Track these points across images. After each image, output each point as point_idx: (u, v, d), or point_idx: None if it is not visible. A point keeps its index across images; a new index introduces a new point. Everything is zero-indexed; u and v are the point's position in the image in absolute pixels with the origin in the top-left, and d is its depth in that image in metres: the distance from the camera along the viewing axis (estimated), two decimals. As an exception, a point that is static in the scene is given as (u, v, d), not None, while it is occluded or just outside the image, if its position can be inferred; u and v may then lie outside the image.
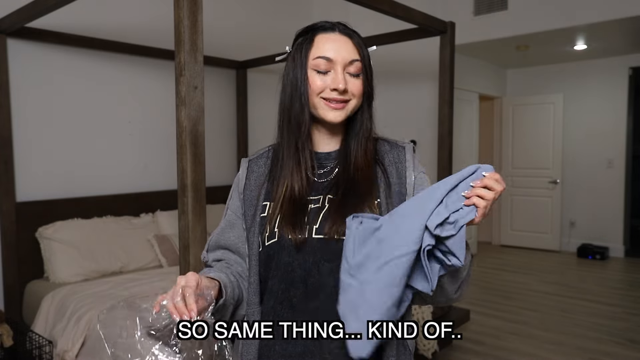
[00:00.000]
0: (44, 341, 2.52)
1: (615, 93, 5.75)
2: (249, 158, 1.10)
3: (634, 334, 3.50)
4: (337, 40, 0.96)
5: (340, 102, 0.95)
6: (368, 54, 1.00)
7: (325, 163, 1.02)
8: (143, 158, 3.74)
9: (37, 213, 3.09)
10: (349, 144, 1.01)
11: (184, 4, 1.63)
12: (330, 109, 0.96)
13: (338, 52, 0.95)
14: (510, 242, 6.52)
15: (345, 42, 0.96)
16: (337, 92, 0.94)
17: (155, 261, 3.37)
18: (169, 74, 3.73)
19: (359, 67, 0.96)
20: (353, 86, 0.96)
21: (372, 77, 1.01)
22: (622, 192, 5.77)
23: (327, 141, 1.03)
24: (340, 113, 0.96)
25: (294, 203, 0.96)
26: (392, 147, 1.03)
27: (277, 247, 0.94)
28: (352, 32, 0.99)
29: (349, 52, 0.96)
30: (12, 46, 3.01)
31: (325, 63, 0.95)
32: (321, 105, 0.96)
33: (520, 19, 4.38)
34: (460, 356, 3.17)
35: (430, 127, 4.85)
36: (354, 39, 0.98)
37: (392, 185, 0.98)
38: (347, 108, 0.97)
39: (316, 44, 0.96)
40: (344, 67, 0.95)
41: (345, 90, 0.95)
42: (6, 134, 2.94)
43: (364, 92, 0.98)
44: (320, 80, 0.95)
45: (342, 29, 0.98)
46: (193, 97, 1.67)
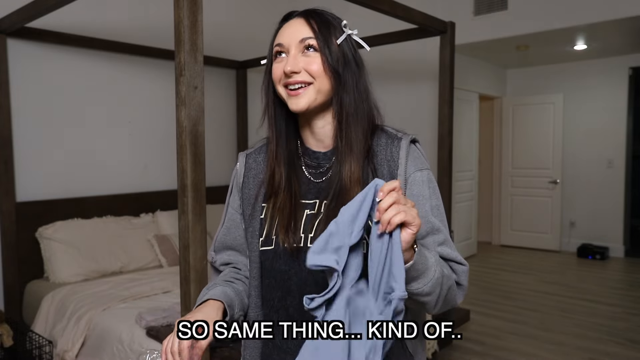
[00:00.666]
0: (44, 341, 2.52)
1: (615, 93, 5.75)
2: (246, 152, 1.06)
3: (634, 334, 3.50)
4: (291, 24, 0.92)
5: (296, 87, 0.89)
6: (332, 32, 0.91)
7: (322, 163, 0.96)
8: (143, 158, 3.74)
9: (37, 213, 3.09)
10: (338, 142, 0.92)
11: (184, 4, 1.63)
12: (290, 97, 0.90)
13: (289, 34, 0.90)
14: (510, 242, 6.52)
15: (298, 23, 0.91)
16: (286, 76, 0.89)
17: (155, 261, 3.37)
18: (169, 74, 3.74)
19: (312, 44, 0.89)
20: (308, 63, 0.88)
21: (342, 57, 0.91)
22: (622, 192, 5.77)
23: (319, 138, 0.96)
24: (298, 100, 0.89)
25: (289, 208, 0.92)
26: (389, 141, 0.94)
27: (273, 255, 0.92)
28: (312, 11, 0.93)
29: (300, 31, 0.90)
30: (12, 46, 3.01)
31: (280, 48, 0.91)
32: (286, 96, 0.91)
33: (520, 19, 4.38)
34: (460, 356, 3.17)
35: (430, 127, 4.85)
36: (310, 18, 0.91)
37: None
38: (308, 92, 0.89)
39: (277, 34, 0.94)
40: (298, 48, 0.89)
41: (295, 72, 0.88)
42: (6, 134, 2.94)
43: (328, 70, 0.88)
44: (277, 67, 0.91)
45: (300, 13, 0.93)
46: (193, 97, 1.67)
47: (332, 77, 0.89)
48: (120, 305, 2.54)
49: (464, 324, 3.42)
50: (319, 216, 0.91)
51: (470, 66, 5.63)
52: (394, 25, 3.13)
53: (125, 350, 2.20)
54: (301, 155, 0.98)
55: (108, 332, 2.33)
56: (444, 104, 3.15)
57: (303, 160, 0.97)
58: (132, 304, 2.56)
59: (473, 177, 6.03)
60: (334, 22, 0.93)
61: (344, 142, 0.91)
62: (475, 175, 6.10)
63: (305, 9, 0.94)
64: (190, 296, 1.76)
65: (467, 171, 5.83)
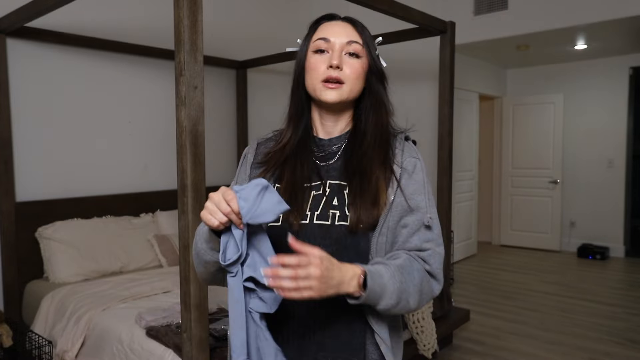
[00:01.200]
0: (44, 341, 2.52)
1: (616, 93, 5.75)
2: (259, 140, 1.15)
3: (634, 334, 3.49)
4: (338, 24, 1.02)
5: (335, 81, 0.97)
6: (372, 41, 1.03)
7: (327, 148, 1.05)
8: (143, 158, 3.74)
9: (36, 213, 3.09)
10: (360, 124, 1.04)
11: (184, 3, 1.63)
12: (326, 89, 0.98)
13: (337, 33, 1.00)
14: (510, 242, 6.52)
15: (345, 26, 1.01)
16: (332, 69, 0.97)
17: (155, 261, 3.37)
18: (169, 74, 3.74)
19: (357, 49, 0.99)
20: (348, 66, 0.98)
21: (379, 62, 1.04)
22: (622, 192, 5.77)
23: (329, 129, 1.06)
24: (334, 93, 0.98)
25: (296, 188, 1.00)
26: (392, 139, 1.07)
27: (280, 231, 0.96)
28: (357, 21, 1.04)
29: (348, 34, 1.00)
30: (12, 46, 3.01)
31: (324, 43, 0.99)
32: (320, 87, 0.99)
33: (520, 19, 4.38)
34: (460, 356, 3.17)
35: (430, 127, 4.85)
36: (357, 25, 1.02)
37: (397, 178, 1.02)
38: (342, 90, 0.98)
39: (319, 30, 1.02)
40: (342, 47, 0.99)
41: (340, 68, 0.97)
42: (6, 134, 2.94)
43: (368, 74, 1.01)
44: (318, 60, 0.99)
45: (346, 17, 1.04)
46: (193, 97, 1.67)
47: (365, 82, 1.02)
48: (120, 305, 2.54)
49: (464, 324, 3.42)
50: (325, 195, 1.00)
51: (470, 66, 5.63)
52: (393, 25, 3.12)
53: (125, 350, 2.20)
54: (310, 143, 1.06)
55: (108, 332, 2.33)
56: (444, 104, 3.15)
57: (310, 147, 1.06)
58: (132, 304, 2.56)
59: (473, 177, 6.03)
60: (371, 36, 1.04)
61: (363, 135, 1.02)
62: (475, 175, 6.10)
63: (348, 16, 1.05)
64: (190, 296, 1.76)
65: (467, 171, 5.83)
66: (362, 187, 0.97)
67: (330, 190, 1.00)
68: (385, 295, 0.86)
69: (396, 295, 0.87)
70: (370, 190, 0.96)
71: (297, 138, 1.05)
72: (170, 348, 2.04)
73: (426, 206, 0.98)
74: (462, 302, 4.15)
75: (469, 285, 4.80)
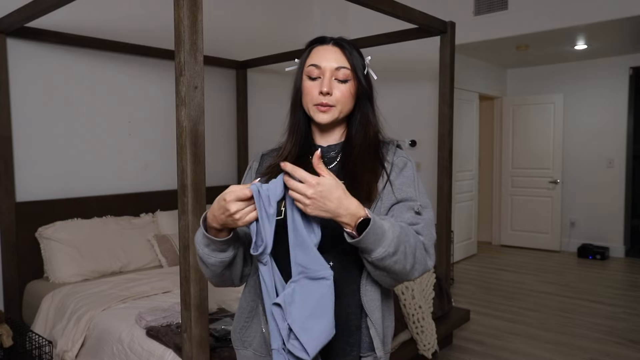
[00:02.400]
0: (44, 341, 2.52)
1: (616, 93, 5.75)
2: (263, 152, 1.24)
3: (634, 334, 3.49)
4: (328, 50, 1.10)
5: (326, 105, 1.07)
6: (362, 63, 1.11)
7: (326, 154, 1.15)
8: (143, 158, 3.74)
9: (37, 213, 3.09)
10: (351, 137, 1.14)
11: (184, 3, 1.63)
12: (318, 112, 1.09)
13: (327, 60, 1.08)
14: (510, 242, 6.52)
15: (334, 52, 1.09)
16: (322, 95, 1.07)
17: (155, 261, 3.37)
18: (169, 74, 3.75)
19: (346, 74, 1.08)
20: (338, 91, 1.08)
21: (369, 82, 1.14)
22: (622, 192, 5.77)
23: (326, 137, 1.16)
24: (325, 115, 1.09)
25: None
26: (382, 145, 1.16)
27: (282, 223, 1.00)
28: (346, 43, 1.11)
29: (337, 60, 1.09)
30: (12, 46, 3.01)
31: (316, 70, 1.09)
32: (313, 109, 1.10)
33: (520, 19, 4.38)
34: (460, 356, 3.17)
35: (430, 127, 4.85)
36: (345, 49, 1.10)
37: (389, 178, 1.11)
38: (333, 112, 1.09)
39: (311, 55, 1.11)
40: (332, 73, 1.08)
41: (330, 94, 1.07)
42: (6, 134, 2.94)
43: (356, 95, 1.11)
44: (311, 86, 1.09)
45: (336, 42, 1.11)
46: (193, 97, 1.67)
47: (354, 102, 1.12)
48: (120, 306, 2.54)
49: (464, 324, 3.42)
50: None
51: (471, 66, 5.63)
52: (394, 25, 3.12)
53: (125, 350, 2.20)
54: (309, 150, 1.14)
55: (108, 332, 2.33)
56: (444, 104, 3.15)
57: (310, 153, 1.11)
58: (132, 304, 2.56)
59: (473, 177, 6.03)
60: (359, 53, 1.12)
61: (357, 141, 1.12)
62: (476, 175, 6.09)
63: (339, 38, 1.12)
64: (190, 296, 1.76)
65: (467, 171, 5.83)
66: (355, 185, 1.05)
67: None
68: (384, 241, 0.92)
69: (394, 243, 0.93)
70: (362, 188, 1.05)
71: (297, 150, 1.14)
72: (171, 348, 2.04)
73: (416, 196, 1.08)
74: (462, 302, 4.15)
75: (469, 285, 4.80)
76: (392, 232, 0.93)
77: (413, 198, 1.07)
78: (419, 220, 1.05)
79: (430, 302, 2.90)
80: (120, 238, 3.27)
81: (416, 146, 5.12)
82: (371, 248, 0.92)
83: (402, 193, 1.07)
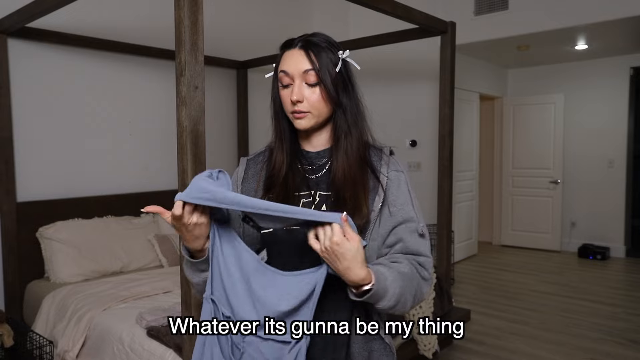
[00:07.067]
0: (45, 341, 2.52)
1: (616, 93, 5.75)
2: (247, 157, 1.20)
3: (634, 334, 3.49)
4: (293, 54, 1.04)
5: (300, 112, 1.04)
6: (334, 61, 1.04)
7: (315, 161, 1.11)
8: (143, 158, 3.74)
9: (37, 213, 3.09)
10: (338, 141, 1.09)
11: (184, 4, 1.63)
12: (296, 119, 1.06)
13: (294, 64, 1.03)
14: (511, 242, 6.52)
15: (299, 55, 1.03)
16: (293, 104, 1.04)
17: (155, 261, 3.37)
18: (169, 74, 3.75)
19: (313, 77, 1.02)
20: (309, 95, 1.03)
21: (340, 83, 1.06)
22: (622, 192, 5.77)
23: (314, 143, 1.12)
24: (303, 122, 1.05)
25: (287, 196, 1.06)
26: (374, 152, 1.12)
27: (271, 237, 1.04)
28: (312, 44, 1.04)
29: (303, 63, 1.02)
30: (13, 46, 3.01)
31: (285, 77, 1.04)
32: (291, 117, 1.07)
33: (520, 19, 4.38)
34: (461, 356, 3.17)
35: (431, 127, 4.85)
36: (311, 50, 1.03)
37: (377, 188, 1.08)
38: (309, 118, 1.05)
39: (282, 60, 1.06)
40: (301, 78, 1.03)
41: (300, 101, 1.03)
42: (6, 134, 2.94)
43: (328, 99, 1.04)
44: (285, 94, 1.06)
45: (300, 43, 1.05)
46: (194, 97, 1.67)
47: (331, 104, 1.05)
48: (120, 306, 2.54)
49: (465, 324, 3.42)
50: (314, 202, 1.07)
51: (471, 66, 5.63)
52: (394, 25, 3.12)
53: (126, 350, 2.20)
54: (298, 156, 1.12)
55: (108, 332, 2.33)
56: (444, 104, 3.15)
57: (299, 160, 1.12)
58: (133, 304, 2.56)
59: (474, 177, 6.03)
60: (331, 49, 1.05)
61: (341, 151, 1.06)
62: (476, 175, 6.09)
63: (304, 39, 1.05)
64: (190, 296, 1.76)
65: (467, 171, 5.83)
66: (343, 197, 1.02)
67: (319, 199, 1.07)
68: (386, 297, 0.94)
69: (395, 298, 0.95)
70: (350, 201, 1.02)
71: (289, 160, 1.10)
72: (171, 348, 2.04)
73: (417, 216, 1.06)
74: (462, 302, 4.15)
75: (469, 285, 4.79)
76: (393, 289, 0.94)
77: (414, 218, 1.06)
78: (422, 244, 1.05)
79: (430, 302, 2.90)
80: (121, 238, 3.27)
81: (416, 146, 5.12)
82: (372, 302, 0.95)
83: (403, 214, 1.05)
